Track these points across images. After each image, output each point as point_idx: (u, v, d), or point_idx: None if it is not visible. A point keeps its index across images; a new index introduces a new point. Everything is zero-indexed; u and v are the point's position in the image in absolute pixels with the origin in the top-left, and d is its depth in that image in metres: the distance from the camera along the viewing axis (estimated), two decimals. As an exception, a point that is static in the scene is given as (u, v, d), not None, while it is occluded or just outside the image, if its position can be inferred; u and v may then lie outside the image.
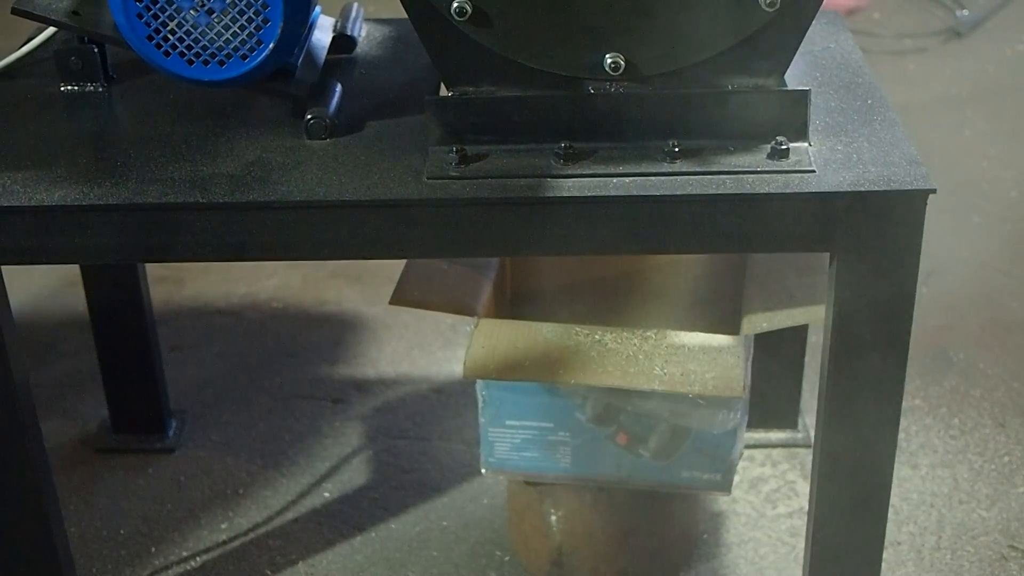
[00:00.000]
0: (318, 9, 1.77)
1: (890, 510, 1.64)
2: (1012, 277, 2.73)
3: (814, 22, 1.49)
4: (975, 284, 2.71)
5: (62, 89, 1.71)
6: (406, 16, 1.48)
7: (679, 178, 1.45)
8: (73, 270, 2.50)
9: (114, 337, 2.22)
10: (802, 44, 1.49)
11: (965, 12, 4.00)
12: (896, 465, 1.61)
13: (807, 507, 1.71)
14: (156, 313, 2.31)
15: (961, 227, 2.90)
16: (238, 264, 2.82)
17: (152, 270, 2.56)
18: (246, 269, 2.84)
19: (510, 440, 1.84)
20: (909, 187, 1.42)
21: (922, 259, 1.48)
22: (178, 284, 2.80)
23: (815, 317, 1.73)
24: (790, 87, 1.49)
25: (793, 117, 1.48)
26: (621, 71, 1.46)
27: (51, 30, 1.75)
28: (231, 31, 1.51)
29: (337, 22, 1.81)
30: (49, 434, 2.28)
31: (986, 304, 2.64)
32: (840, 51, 1.76)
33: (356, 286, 2.78)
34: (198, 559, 2.07)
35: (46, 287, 2.78)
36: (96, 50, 1.70)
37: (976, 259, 2.79)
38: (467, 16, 1.44)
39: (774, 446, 2.25)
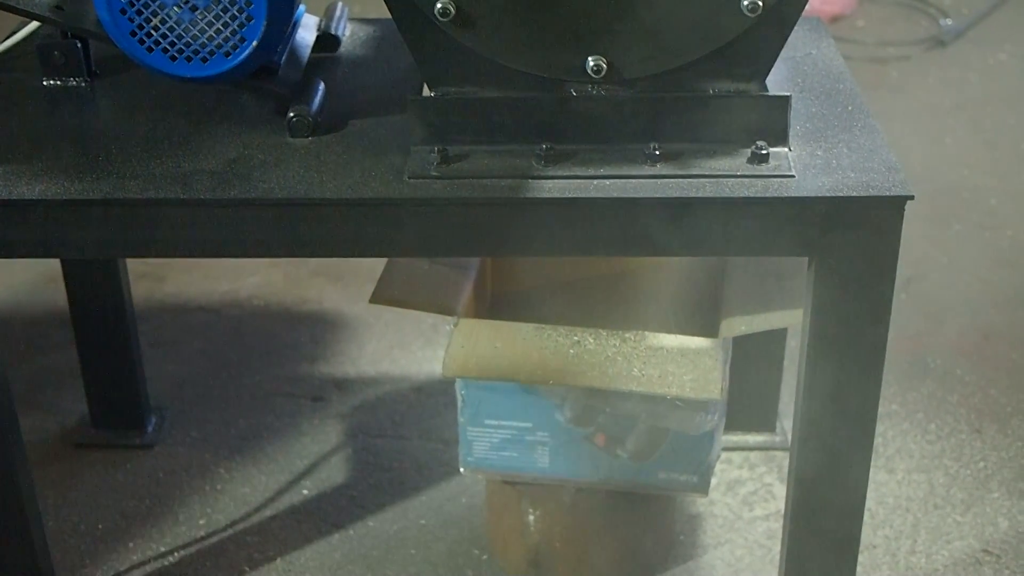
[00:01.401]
0: (302, 7, 1.77)
1: (866, 514, 1.66)
2: (990, 285, 2.74)
3: (796, 28, 1.50)
4: (954, 291, 2.72)
5: (44, 83, 1.71)
6: (390, 16, 1.49)
7: (659, 181, 1.46)
8: (54, 265, 2.50)
9: (94, 333, 2.22)
10: (784, 50, 1.50)
11: (948, 21, 4.03)
12: (872, 469, 1.62)
13: (784, 510, 1.72)
14: (137, 309, 2.30)
15: (941, 234, 2.92)
16: (220, 261, 2.82)
17: (133, 266, 2.56)
18: (228, 266, 2.84)
19: (489, 440, 1.85)
20: (887, 193, 1.43)
21: (902, 266, 1.49)
22: (159, 280, 2.80)
23: (793, 321, 1.74)
24: (771, 92, 1.50)
25: (774, 122, 1.49)
26: (603, 74, 1.47)
27: (34, 24, 1.75)
28: (214, 28, 1.52)
29: (321, 21, 1.81)
30: (28, 429, 2.28)
31: (964, 311, 2.66)
32: (822, 57, 1.77)
33: (338, 284, 2.79)
34: (176, 555, 2.07)
35: (27, 282, 2.78)
36: (79, 45, 1.69)
37: (955, 266, 2.81)
38: (450, 17, 1.44)
39: (752, 449, 2.25)
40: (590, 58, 1.47)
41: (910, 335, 2.56)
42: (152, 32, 1.52)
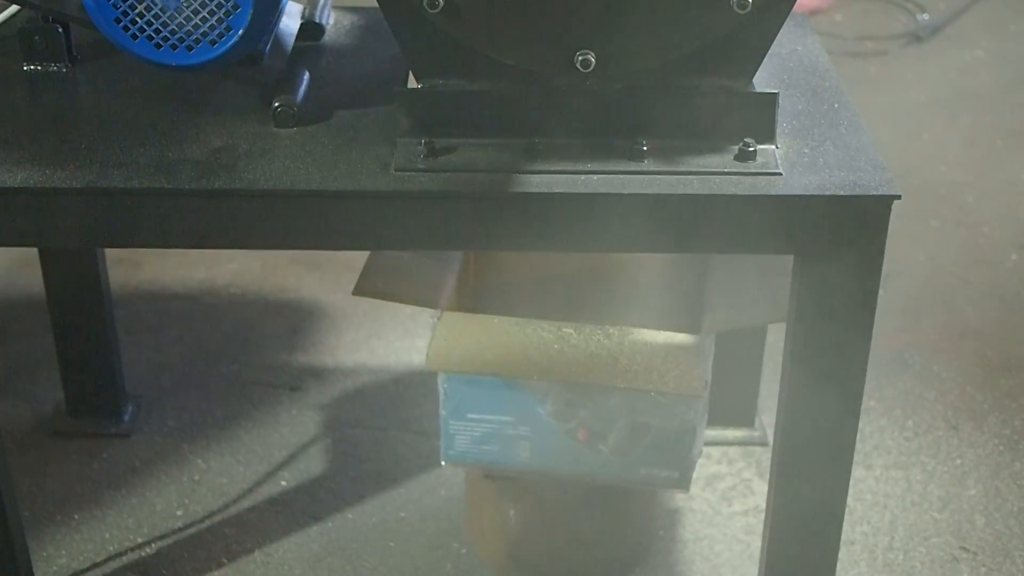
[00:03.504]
0: (287, -5, 1.76)
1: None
2: (967, 282, 2.76)
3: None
4: (931, 288, 2.74)
5: (25, 68, 1.69)
6: (375, 5, 1.48)
7: (646, 177, 1.45)
8: (30, 250, 2.47)
9: (71, 319, 2.20)
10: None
11: (926, 16, 4.04)
12: (850, 466, 1.63)
13: (762, 505, 1.72)
14: (113, 296, 2.28)
15: (919, 231, 2.93)
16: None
17: (110, 252, 2.54)
18: (205, 253, 2.82)
19: (470, 433, 1.84)
20: (874, 192, 1.44)
21: (880, 262, 1.49)
22: (136, 267, 2.78)
23: (776, 318, 1.74)
24: (758, 90, 1.50)
25: (761, 119, 1.49)
26: (591, 68, 1.46)
27: (15, 8, 1.73)
28: (200, 16, 1.50)
29: (305, 9, 1.80)
30: (3, 416, 2.27)
31: (942, 308, 2.67)
32: (807, 54, 1.77)
33: (316, 273, 2.77)
34: (153, 546, 2.06)
35: (1, 267, 2.75)
36: (61, 30, 1.67)
37: (933, 263, 2.82)
38: (439, 8, 1.43)
39: (731, 444, 2.26)
40: (578, 53, 1.46)
41: (888, 331, 2.56)
42: (137, 19, 1.50)
